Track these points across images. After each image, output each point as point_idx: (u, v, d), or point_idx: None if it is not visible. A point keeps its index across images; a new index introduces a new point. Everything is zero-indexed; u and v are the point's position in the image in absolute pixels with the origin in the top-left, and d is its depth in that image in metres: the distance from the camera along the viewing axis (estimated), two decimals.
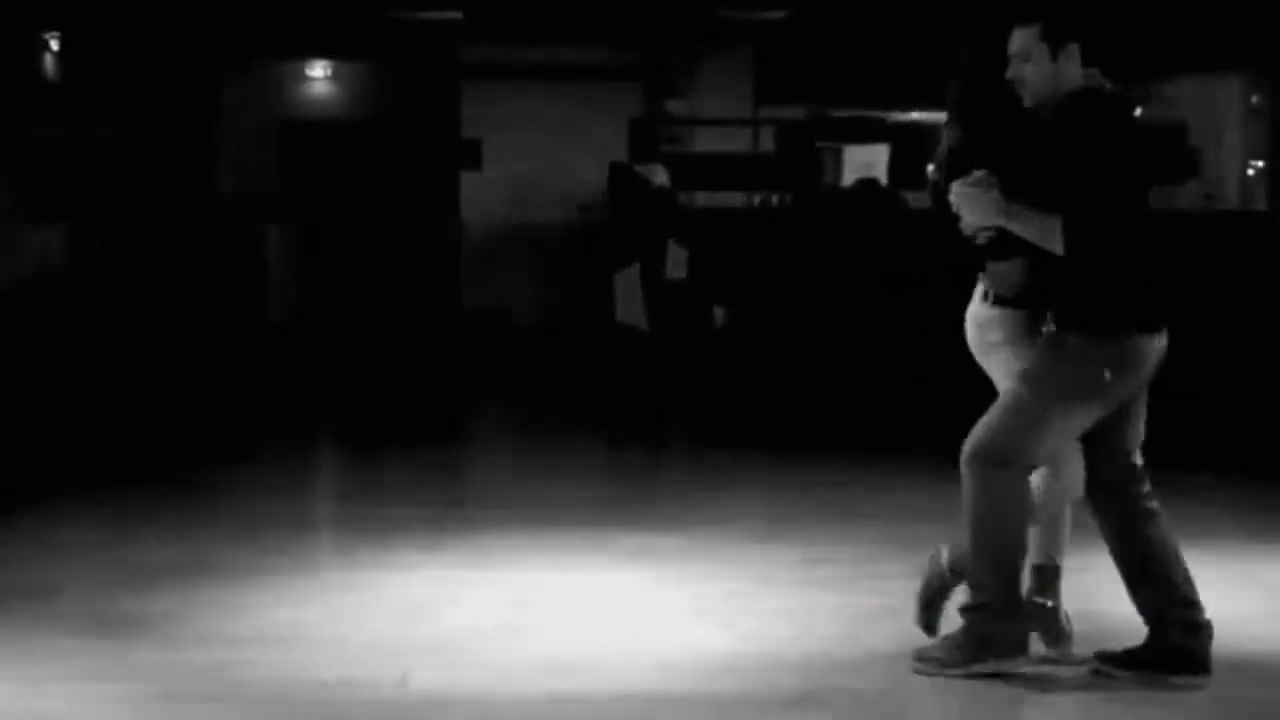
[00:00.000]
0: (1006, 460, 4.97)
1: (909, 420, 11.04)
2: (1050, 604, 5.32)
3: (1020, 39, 5.07)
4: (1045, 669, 5.20)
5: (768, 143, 17.65)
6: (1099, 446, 5.08)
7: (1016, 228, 4.95)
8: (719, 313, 13.65)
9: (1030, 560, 5.29)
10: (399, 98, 17.86)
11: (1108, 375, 4.93)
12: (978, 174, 5.01)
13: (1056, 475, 5.14)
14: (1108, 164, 4.87)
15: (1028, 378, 4.99)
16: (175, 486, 8.55)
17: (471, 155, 17.50)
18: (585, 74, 17.04)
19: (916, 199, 16.12)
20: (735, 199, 16.38)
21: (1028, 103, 5.06)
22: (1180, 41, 16.55)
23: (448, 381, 14.23)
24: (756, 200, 16.78)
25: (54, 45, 16.73)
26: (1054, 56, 5.02)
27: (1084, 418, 4.99)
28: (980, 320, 5.25)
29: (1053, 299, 5.00)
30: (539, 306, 17.22)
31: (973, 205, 5.02)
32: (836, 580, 6.29)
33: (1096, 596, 5.80)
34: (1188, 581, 5.11)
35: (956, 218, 5.14)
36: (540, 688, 5.03)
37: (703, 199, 15.93)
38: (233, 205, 17.81)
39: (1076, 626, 5.33)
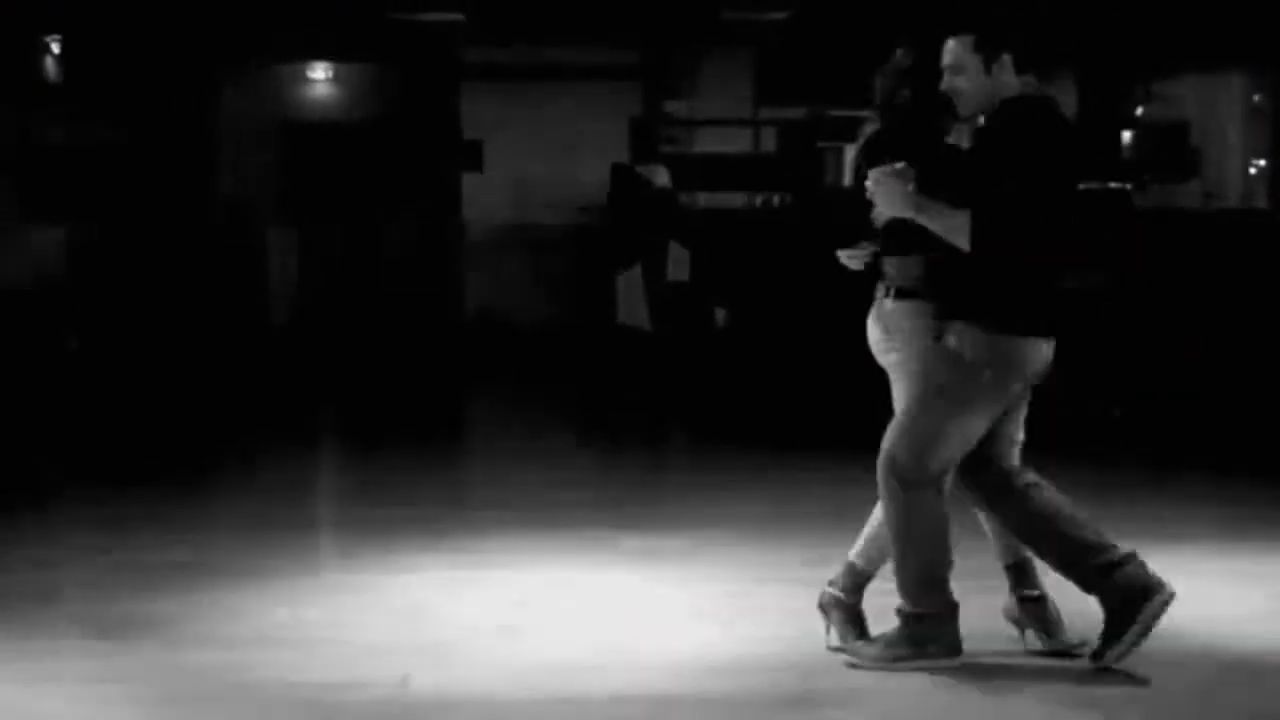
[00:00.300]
0: (916, 473, 5.09)
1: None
2: (1036, 594, 5.38)
3: (954, 52, 5.16)
4: (1044, 662, 5.21)
5: (769, 143, 17.63)
6: (979, 448, 5.19)
7: (926, 221, 5.03)
8: (720, 313, 13.64)
9: (1002, 562, 5.39)
10: (400, 99, 17.85)
11: (988, 374, 5.04)
12: (897, 165, 5.05)
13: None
14: (1028, 167, 4.92)
15: (924, 389, 5.12)
16: (176, 488, 8.56)
17: (472, 156, 17.49)
18: (586, 75, 17.03)
19: None
20: (736, 200, 16.37)
21: (964, 113, 5.15)
22: (1182, 40, 16.55)
23: (449, 382, 14.23)
24: (758, 201, 16.78)
25: (54, 47, 16.72)
26: (988, 68, 5.09)
27: (981, 420, 5.10)
28: (884, 316, 5.31)
29: (946, 292, 5.09)
30: (540, 307, 17.21)
31: (887, 195, 5.08)
32: None
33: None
34: (1097, 533, 5.21)
35: (870, 205, 5.19)
36: (541, 689, 5.02)
37: (704, 200, 15.92)
38: (233, 206, 17.80)
39: (1081, 622, 5.33)
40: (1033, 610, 5.37)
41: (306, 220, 17.69)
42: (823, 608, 5.48)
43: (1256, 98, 18.37)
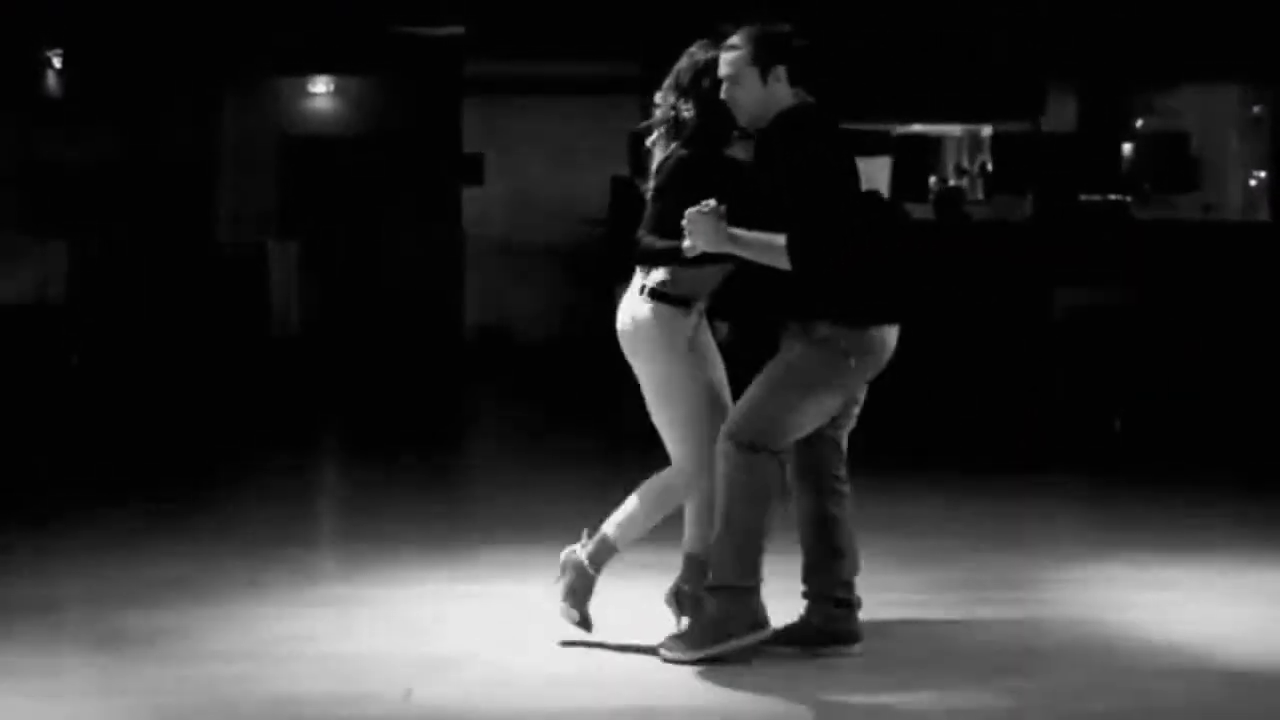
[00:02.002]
0: (759, 445, 5.24)
1: (909, 430, 11.04)
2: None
3: (730, 63, 5.31)
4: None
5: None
6: (818, 430, 5.40)
7: (741, 252, 5.21)
8: (722, 327, 13.65)
9: (686, 550, 5.57)
10: (401, 113, 17.88)
11: (852, 363, 5.27)
12: (709, 203, 5.17)
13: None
14: (818, 175, 5.16)
15: (782, 367, 5.29)
16: (177, 501, 8.56)
17: (473, 169, 17.50)
18: (587, 88, 17.04)
19: (919, 211, 16.14)
20: None
21: (742, 122, 5.33)
22: (1181, 52, 16.56)
23: (450, 394, 14.24)
24: None
25: (56, 62, 16.75)
26: (764, 79, 5.27)
27: (831, 404, 5.33)
28: (637, 313, 5.47)
29: (800, 299, 5.25)
30: (542, 320, 17.21)
31: (703, 232, 5.19)
32: None
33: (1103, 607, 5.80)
34: (855, 565, 5.48)
35: (680, 237, 5.27)
36: (544, 701, 5.03)
37: None
38: (235, 220, 17.82)
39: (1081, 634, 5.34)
40: (694, 605, 5.53)
41: (307, 233, 17.70)
42: (676, 602, 5.62)
43: (1256, 109, 18.38)
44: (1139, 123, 18.43)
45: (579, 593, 5.60)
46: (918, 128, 18.25)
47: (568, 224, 17.17)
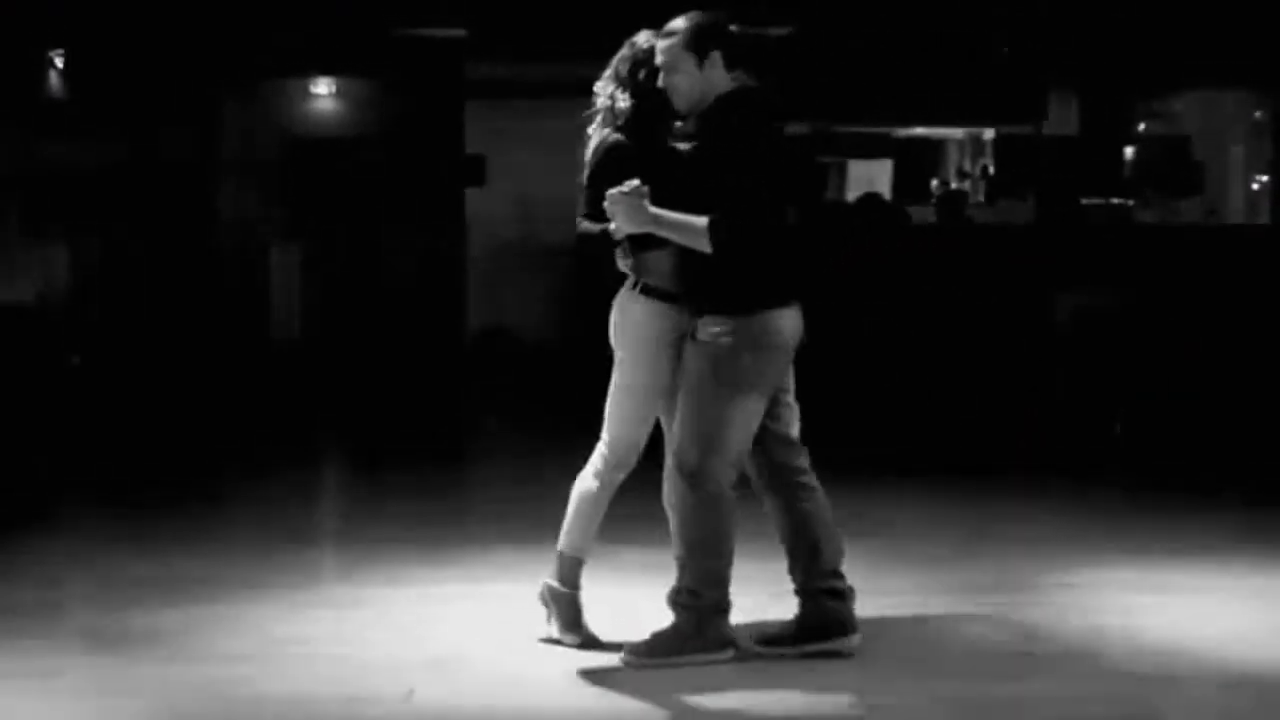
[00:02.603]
0: (704, 473, 5.28)
1: (910, 434, 11.04)
2: (574, 592, 5.63)
3: (666, 50, 5.38)
4: (1051, 678, 5.20)
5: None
6: (764, 430, 5.42)
7: (665, 233, 5.25)
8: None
9: (560, 547, 5.63)
10: (403, 114, 17.86)
11: (746, 359, 5.25)
12: (631, 183, 5.23)
13: (619, 466, 5.53)
14: (748, 157, 5.21)
15: (694, 389, 5.29)
16: (178, 503, 8.56)
17: (475, 171, 17.50)
18: (589, 91, 17.03)
19: (920, 213, 16.13)
20: None
21: (680, 108, 5.39)
22: (1184, 57, 16.56)
23: (452, 397, 14.23)
24: None
25: (58, 63, 16.75)
26: (700, 65, 5.32)
27: (755, 405, 5.32)
28: (622, 306, 5.52)
29: (692, 289, 5.32)
30: (544, 322, 17.20)
31: (626, 213, 5.26)
32: None
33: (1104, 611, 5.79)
34: (837, 554, 5.49)
35: (607, 220, 5.37)
36: (545, 704, 5.03)
37: None
38: (236, 222, 17.81)
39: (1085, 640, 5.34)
40: (568, 601, 5.61)
41: (309, 235, 17.69)
42: (543, 599, 5.67)
43: (1258, 114, 18.39)
44: (1141, 126, 18.44)
45: (570, 618, 5.61)
46: (920, 130, 18.27)
47: (570, 226, 17.15)
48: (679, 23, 5.38)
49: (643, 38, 5.60)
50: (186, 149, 17.28)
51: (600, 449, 5.63)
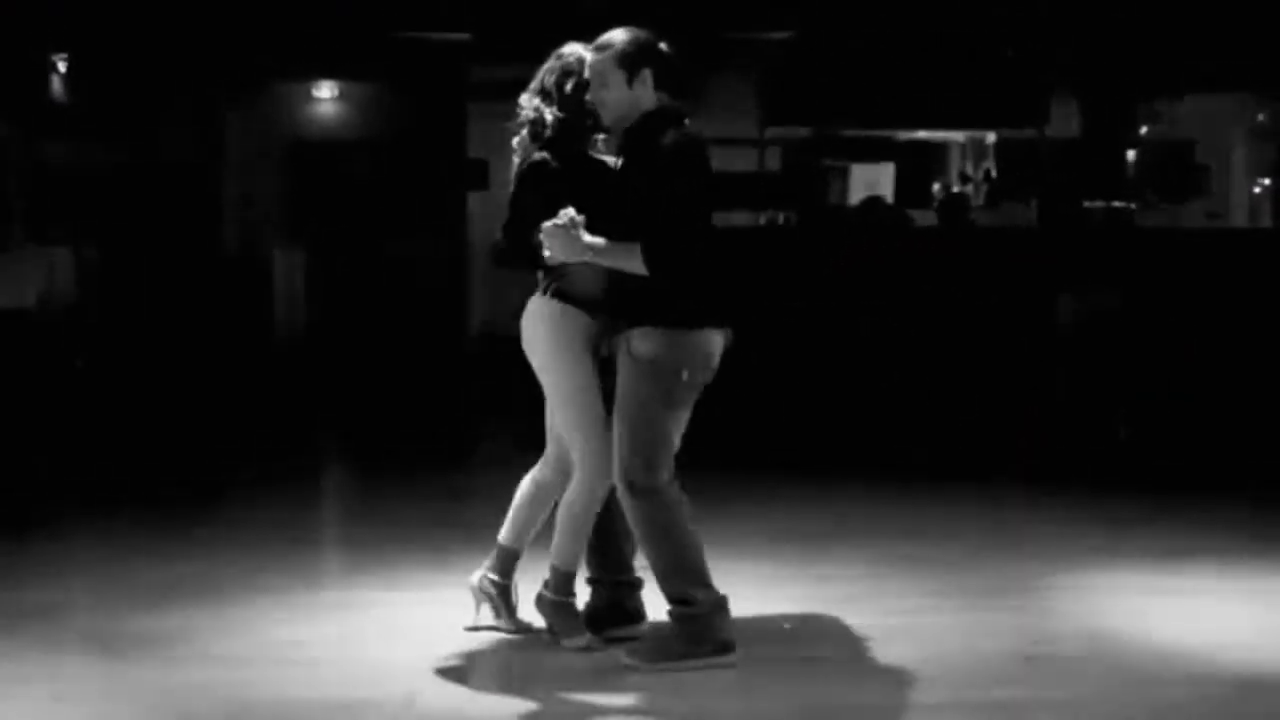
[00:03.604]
0: (647, 479, 5.32)
1: (912, 435, 11.04)
2: (508, 583, 5.75)
3: (596, 64, 5.42)
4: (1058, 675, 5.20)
5: (774, 162, 17.66)
6: None
7: (602, 260, 5.28)
8: (726, 333, 13.64)
9: (504, 541, 5.72)
10: (406, 118, 17.88)
11: (685, 374, 5.32)
12: (566, 213, 5.25)
13: (563, 470, 5.61)
14: (678, 178, 5.24)
15: (633, 407, 5.33)
16: (181, 506, 8.57)
17: (478, 175, 17.51)
18: None
19: (922, 217, 16.14)
20: (741, 218, 16.39)
21: (607, 122, 5.43)
22: (1186, 60, 16.57)
23: (454, 402, 14.24)
24: (763, 219, 16.79)
25: (61, 66, 16.76)
26: (630, 82, 5.36)
27: (684, 416, 5.42)
28: (532, 313, 5.57)
29: (626, 302, 5.33)
30: None
31: (562, 246, 5.29)
32: (844, 599, 6.28)
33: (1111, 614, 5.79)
34: (634, 551, 5.64)
35: (536, 246, 5.39)
36: (547, 706, 5.03)
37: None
38: (239, 225, 17.83)
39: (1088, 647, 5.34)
40: (501, 592, 5.75)
41: (312, 239, 17.71)
42: (481, 592, 5.79)
43: (1261, 118, 18.39)
44: (1143, 130, 18.44)
45: (502, 608, 5.75)
46: (922, 134, 18.27)
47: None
48: (612, 37, 5.43)
49: (570, 49, 5.61)
50: (190, 152, 17.30)
51: (548, 457, 5.70)
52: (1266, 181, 18.42)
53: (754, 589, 6.42)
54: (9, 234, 15.90)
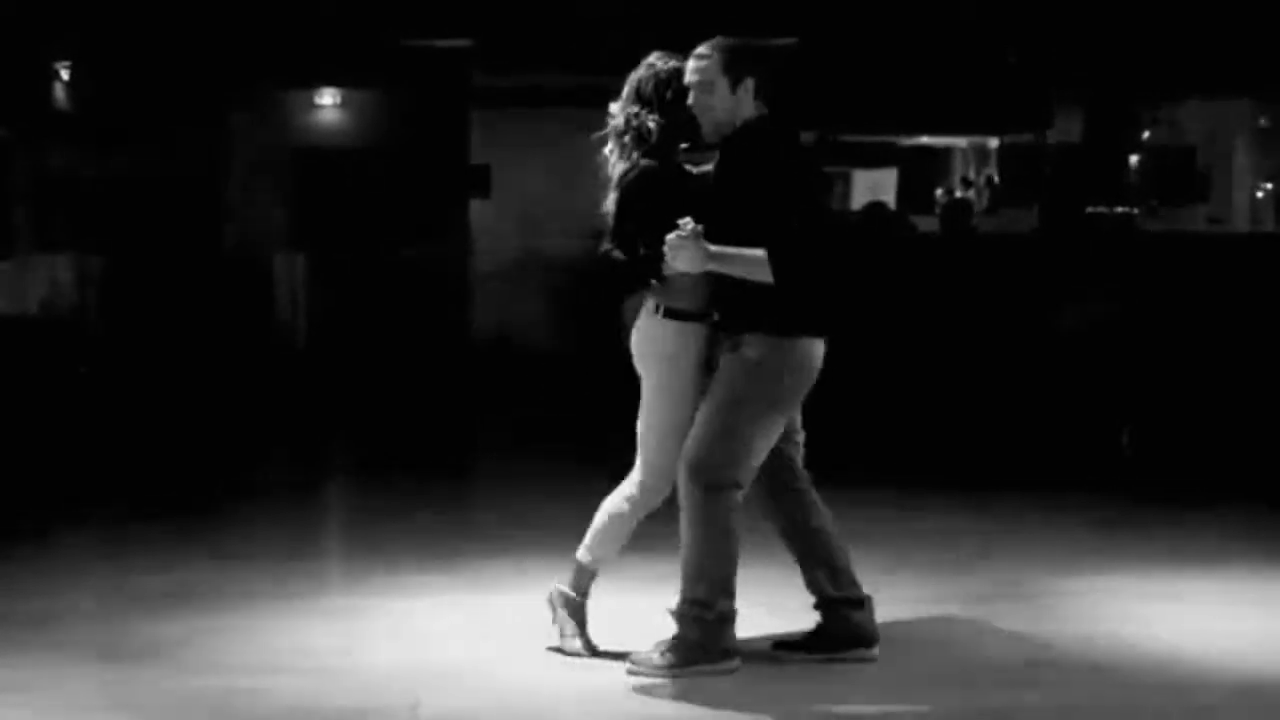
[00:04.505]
0: (721, 483, 5.30)
1: (915, 441, 11.04)
2: (582, 599, 5.66)
3: (702, 70, 5.40)
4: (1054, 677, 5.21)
5: None
6: (776, 454, 5.47)
7: (726, 269, 5.25)
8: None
9: (579, 556, 5.63)
10: (408, 125, 17.89)
11: (786, 380, 5.33)
12: (686, 224, 5.21)
13: (656, 490, 5.50)
14: (797, 189, 5.25)
15: (727, 401, 5.30)
16: (184, 513, 8.57)
17: (481, 182, 17.52)
18: (594, 100, 17.04)
19: (925, 222, 16.15)
20: None
21: (707, 129, 5.40)
22: (1188, 66, 16.58)
23: (458, 408, 14.24)
24: None
25: (64, 74, 16.78)
26: (734, 89, 5.36)
27: (777, 427, 5.39)
28: (648, 331, 5.49)
29: (733, 310, 5.32)
30: (549, 332, 17.21)
31: (688, 258, 5.24)
32: None
33: (1107, 618, 5.78)
34: (849, 565, 5.59)
35: (649, 256, 5.35)
36: (552, 715, 5.03)
37: None
38: (243, 233, 17.85)
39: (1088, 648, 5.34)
40: (576, 607, 5.65)
41: (315, 246, 17.72)
42: (551, 603, 5.67)
43: (1263, 122, 18.41)
44: (1145, 135, 18.45)
45: (573, 623, 5.64)
46: (924, 139, 18.29)
47: (574, 236, 17.17)
48: (715, 44, 5.40)
49: (655, 58, 5.58)
50: (193, 160, 17.32)
51: (634, 474, 5.59)
52: (1268, 186, 18.43)
53: (753, 591, 6.43)
54: (12, 240, 15.93)
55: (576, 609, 5.64)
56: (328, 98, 18.08)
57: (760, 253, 5.18)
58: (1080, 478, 9.78)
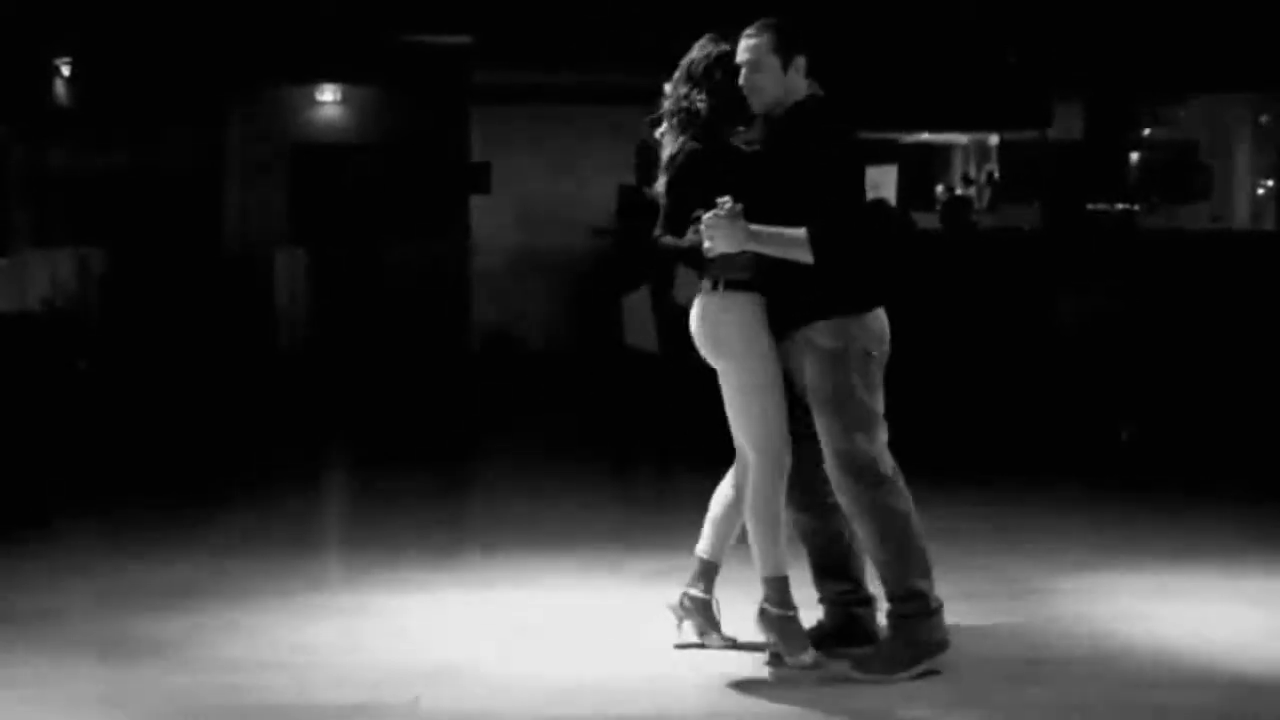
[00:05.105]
0: (875, 467, 5.26)
1: (915, 437, 11.04)
2: (708, 598, 5.64)
3: (753, 49, 5.36)
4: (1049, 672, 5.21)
5: None
6: (804, 447, 5.41)
7: (764, 248, 5.21)
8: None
9: (704, 555, 5.62)
10: (408, 121, 17.89)
11: (875, 353, 5.31)
12: (724, 202, 5.17)
13: (779, 467, 5.40)
14: (840, 170, 5.23)
15: (829, 392, 5.27)
16: (184, 510, 8.57)
17: (481, 178, 17.52)
18: (594, 97, 17.05)
19: (925, 219, 16.14)
20: None
21: (757, 109, 5.37)
22: (1189, 62, 16.57)
23: (458, 405, 14.25)
24: None
25: (64, 71, 16.78)
26: (785, 68, 5.33)
27: (879, 394, 5.35)
28: (712, 311, 5.39)
29: (800, 299, 5.28)
30: (549, 329, 17.22)
31: (727, 236, 5.21)
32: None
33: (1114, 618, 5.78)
34: (865, 565, 5.55)
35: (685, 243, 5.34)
36: (551, 711, 5.03)
37: None
38: (242, 229, 17.84)
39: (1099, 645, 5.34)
40: (701, 608, 5.63)
41: (314, 242, 17.72)
42: (682, 609, 5.64)
43: (1264, 119, 18.40)
44: (1146, 132, 18.45)
45: (705, 623, 5.63)
46: (925, 136, 18.27)
47: (575, 233, 17.18)
48: (765, 23, 5.38)
49: (707, 39, 5.51)
50: (192, 156, 17.31)
51: (741, 460, 5.51)
52: (1269, 183, 18.42)
53: (757, 592, 6.42)
54: (12, 237, 15.92)
55: (704, 607, 5.63)
56: (328, 94, 18.07)
57: (800, 232, 5.15)
58: (1080, 474, 9.78)
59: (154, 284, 16.40)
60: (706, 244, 5.24)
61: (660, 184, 5.53)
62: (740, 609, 5.59)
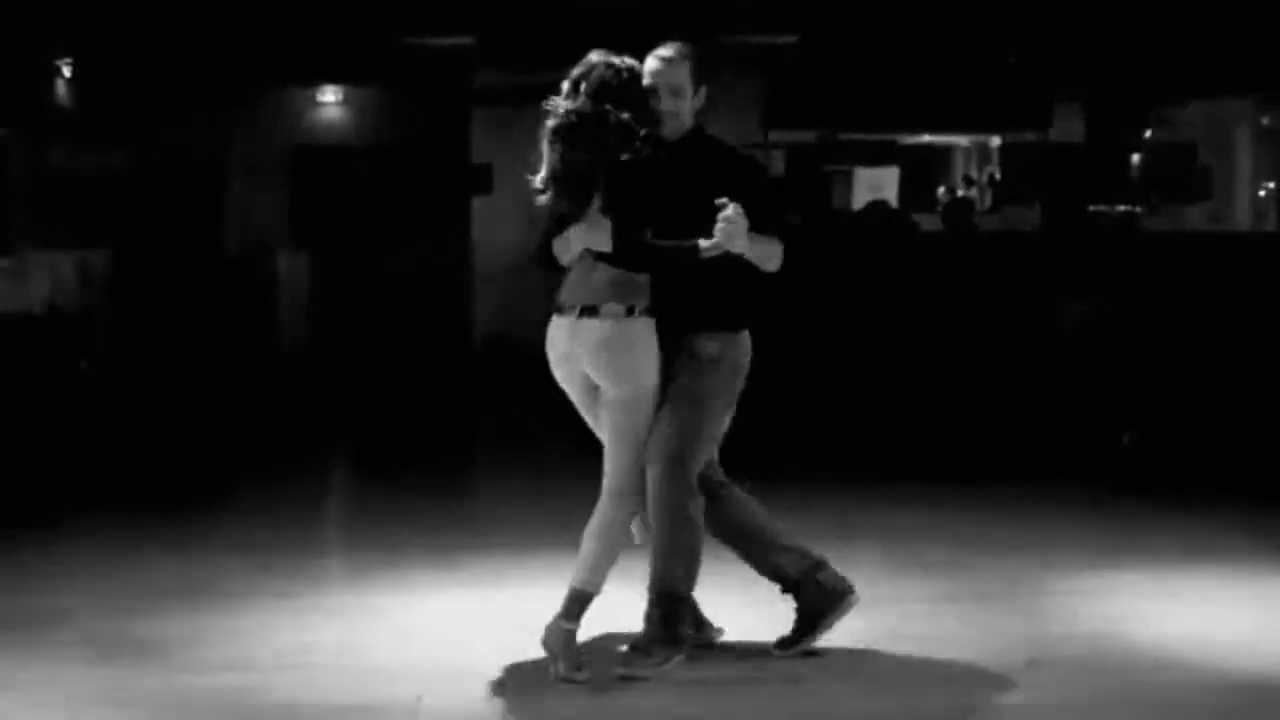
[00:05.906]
0: (691, 483, 5.39)
1: (915, 439, 11.04)
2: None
3: (677, 75, 5.49)
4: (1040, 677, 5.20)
5: (777, 166, 17.67)
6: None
7: (752, 254, 5.33)
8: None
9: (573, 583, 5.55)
10: (410, 123, 17.90)
11: (740, 375, 5.50)
12: (727, 205, 5.21)
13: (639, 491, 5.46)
14: (769, 192, 5.51)
15: (701, 403, 5.39)
16: (186, 511, 8.58)
17: (482, 180, 17.52)
18: None
19: (926, 221, 16.14)
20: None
21: (667, 131, 5.48)
22: (1190, 65, 16.57)
23: (460, 406, 14.25)
24: None
25: (66, 72, 16.79)
26: (695, 93, 5.51)
27: (729, 419, 5.55)
28: (622, 338, 5.34)
29: (693, 308, 5.40)
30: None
31: (740, 234, 5.24)
32: None
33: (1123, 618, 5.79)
34: (782, 531, 5.67)
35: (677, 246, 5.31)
36: (553, 711, 5.04)
37: None
38: (244, 231, 17.85)
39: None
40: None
41: (316, 244, 17.73)
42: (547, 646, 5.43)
43: (1265, 121, 18.40)
44: (1147, 133, 18.45)
45: (566, 655, 5.39)
46: (926, 138, 18.27)
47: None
48: (682, 49, 5.50)
49: (602, 54, 5.59)
50: (194, 157, 17.32)
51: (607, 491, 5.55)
52: (1271, 184, 18.42)
53: (760, 593, 6.43)
54: (13, 238, 15.92)
55: (566, 639, 5.48)
56: (329, 95, 18.09)
57: (778, 244, 5.38)
58: (1080, 475, 9.78)
59: (156, 285, 16.41)
60: (717, 240, 5.22)
61: (547, 198, 5.74)
62: (728, 601, 5.59)
